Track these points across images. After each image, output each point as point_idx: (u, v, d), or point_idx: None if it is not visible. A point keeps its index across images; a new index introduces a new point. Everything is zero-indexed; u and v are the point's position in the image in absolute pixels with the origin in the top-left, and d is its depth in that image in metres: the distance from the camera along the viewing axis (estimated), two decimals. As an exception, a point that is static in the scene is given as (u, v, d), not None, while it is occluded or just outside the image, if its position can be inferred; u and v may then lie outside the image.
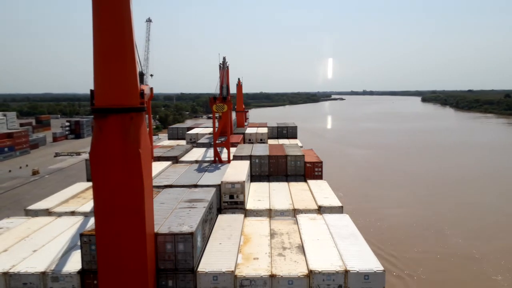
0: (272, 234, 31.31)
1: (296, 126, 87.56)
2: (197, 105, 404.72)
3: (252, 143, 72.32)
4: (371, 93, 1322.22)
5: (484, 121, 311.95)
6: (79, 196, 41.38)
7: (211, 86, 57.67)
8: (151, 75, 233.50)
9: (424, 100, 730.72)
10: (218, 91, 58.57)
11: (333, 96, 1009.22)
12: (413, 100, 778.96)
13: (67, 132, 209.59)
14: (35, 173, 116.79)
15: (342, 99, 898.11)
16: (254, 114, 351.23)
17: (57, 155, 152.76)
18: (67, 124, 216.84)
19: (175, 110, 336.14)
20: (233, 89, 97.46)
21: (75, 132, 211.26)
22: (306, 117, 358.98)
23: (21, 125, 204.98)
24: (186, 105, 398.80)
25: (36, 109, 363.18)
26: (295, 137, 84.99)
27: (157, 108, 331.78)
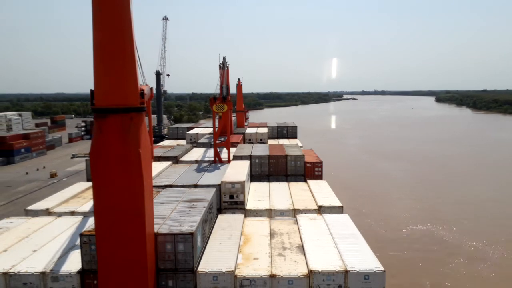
0: (272, 234, 31.30)
1: (296, 126, 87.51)
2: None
3: (252, 143, 72.30)
4: (383, 92, 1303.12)
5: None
6: (79, 196, 41.39)
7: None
8: (168, 75, 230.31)
9: (439, 100, 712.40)
10: (218, 91, 58.70)
11: (344, 96, 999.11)
12: (427, 100, 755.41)
13: (82, 133, 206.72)
14: (53, 175, 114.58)
15: (354, 99, 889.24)
16: (267, 114, 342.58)
17: (74, 156, 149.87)
18: (83, 124, 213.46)
19: (189, 110, 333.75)
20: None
21: (91, 132, 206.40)
22: (321, 118, 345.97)
23: (37, 125, 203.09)
24: (199, 105, 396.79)
25: (50, 109, 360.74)
26: (295, 137, 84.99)
27: (170, 108, 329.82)
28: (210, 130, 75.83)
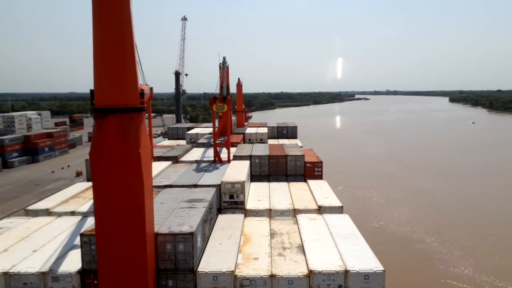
0: (272, 234, 31.31)
1: (296, 126, 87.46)
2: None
3: (252, 143, 72.29)
4: (395, 92, 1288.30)
5: None
6: (79, 196, 41.39)
7: (233, 86, 57.19)
8: (186, 75, 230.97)
9: (453, 100, 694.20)
10: (218, 91, 58.71)
11: (356, 96, 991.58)
12: (440, 100, 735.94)
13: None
14: (78, 174, 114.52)
15: (366, 99, 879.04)
16: (280, 114, 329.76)
17: None
18: None
19: (204, 110, 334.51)
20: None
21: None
22: (336, 120, 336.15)
23: (56, 124, 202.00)
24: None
25: (66, 108, 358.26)
26: (295, 137, 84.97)
27: (185, 108, 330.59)
28: (210, 130, 75.83)
